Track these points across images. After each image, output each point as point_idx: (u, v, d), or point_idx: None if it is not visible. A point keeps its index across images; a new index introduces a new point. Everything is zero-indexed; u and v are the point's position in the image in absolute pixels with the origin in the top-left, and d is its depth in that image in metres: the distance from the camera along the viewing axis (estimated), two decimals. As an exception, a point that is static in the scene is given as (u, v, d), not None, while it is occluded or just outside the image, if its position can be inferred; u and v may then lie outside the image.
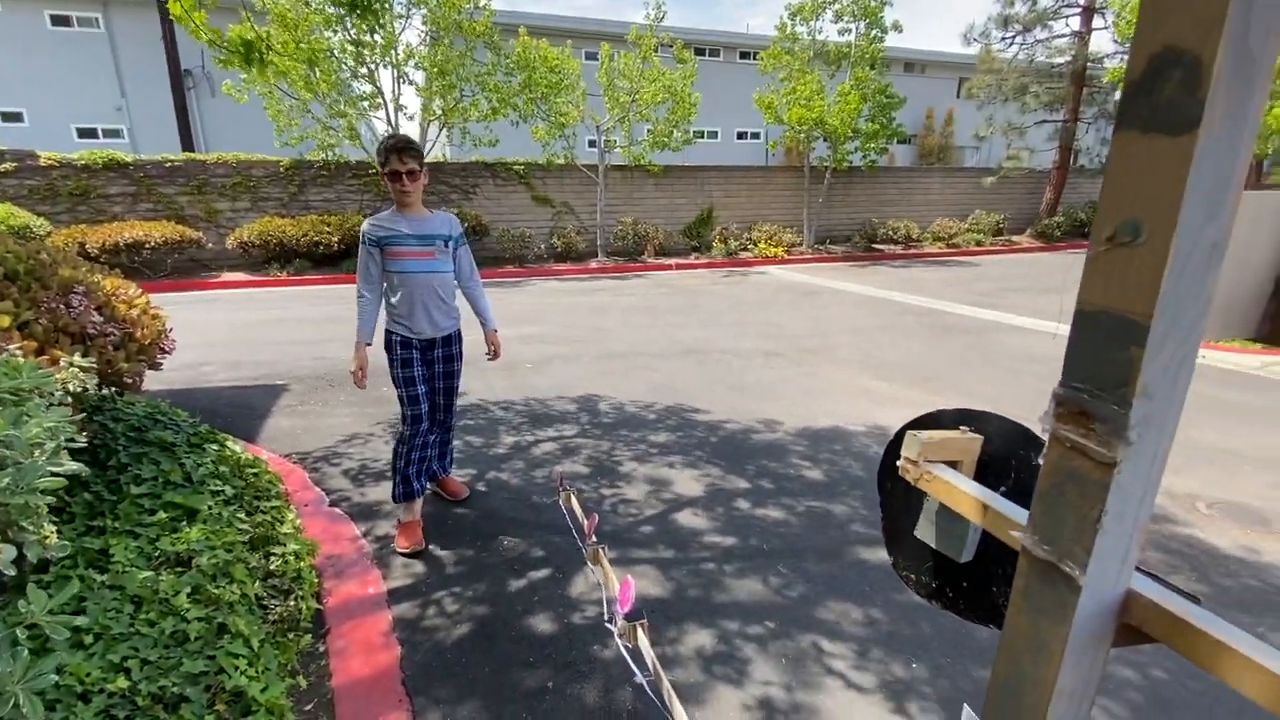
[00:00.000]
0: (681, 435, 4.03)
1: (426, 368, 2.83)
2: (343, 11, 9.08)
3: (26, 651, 1.27)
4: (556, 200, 13.26)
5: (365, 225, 2.64)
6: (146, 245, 9.37)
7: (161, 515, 2.33)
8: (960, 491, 0.58)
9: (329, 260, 10.86)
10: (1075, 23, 16.13)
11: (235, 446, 3.25)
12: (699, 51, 22.49)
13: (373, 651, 2.13)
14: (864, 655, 2.13)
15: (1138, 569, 0.44)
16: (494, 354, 3.02)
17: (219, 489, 2.69)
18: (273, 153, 11.32)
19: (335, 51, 9.96)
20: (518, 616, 2.31)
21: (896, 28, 13.09)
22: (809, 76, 12.86)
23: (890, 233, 14.86)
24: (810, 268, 12.67)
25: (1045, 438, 0.43)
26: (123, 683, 1.57)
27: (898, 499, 0.73)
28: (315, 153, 11.15)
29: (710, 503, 3.17)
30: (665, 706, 1.17)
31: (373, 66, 10.32)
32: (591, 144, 13.14)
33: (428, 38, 10.86)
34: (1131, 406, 0.37)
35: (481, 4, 10.64)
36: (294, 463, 3.56)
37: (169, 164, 10.74)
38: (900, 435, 0.71)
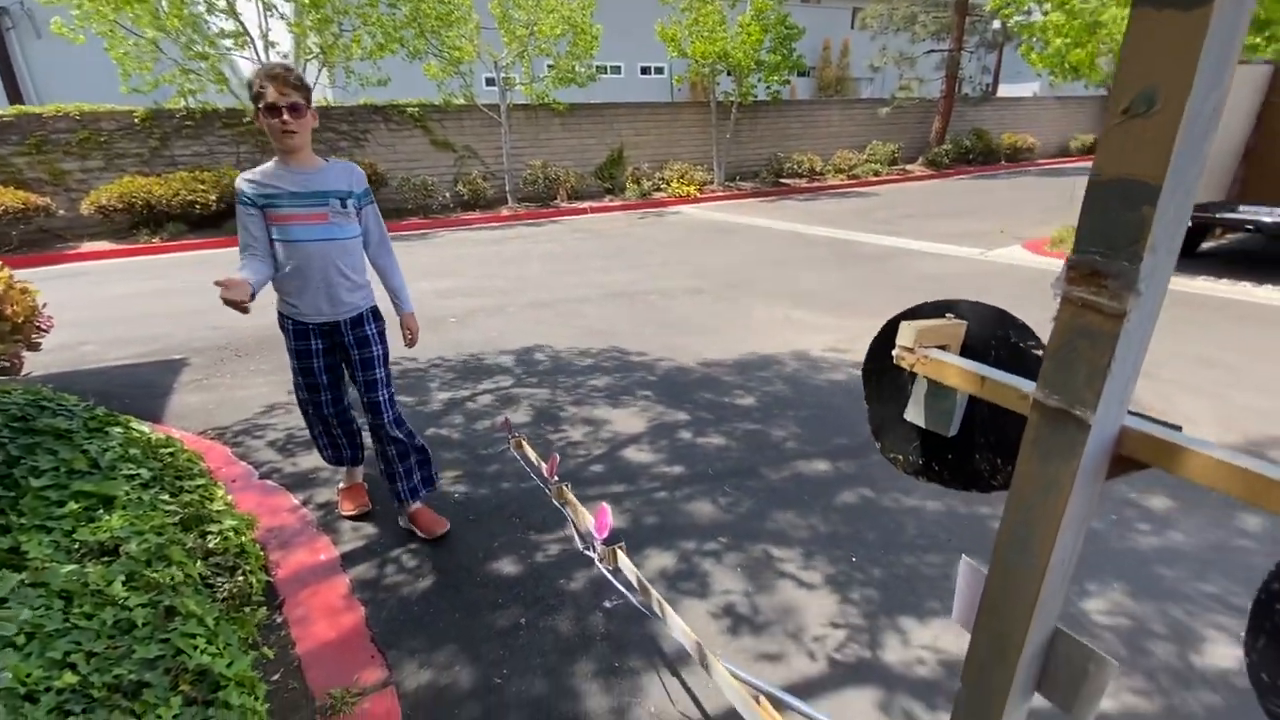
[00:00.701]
0: (618, 376, 4.08)
1: (331, 355, 2.36)
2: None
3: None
4: (458, 144, 12.55)
5: (239, 182, 2.11)
6: (-19, 215, 8.14)
7: (73, 506, 2.14)
8: (956, 369, 0.65)
9: (208, 222, 9.87)
10: (958, -50, 16.61)
11: (142, 427, 2.99)
12: (594, -19, 21.43)
13: (335, 615, 2.10)
14: (810, 556, 2.32)
15: (1131, 411, 0.52)
16: (411, 340, 2.45)
17: (133, 473, 2.49)
18: (123, 101, 9.96)
19: (185, -19, 8.76)
20: (480, 563, 2.33)
21: (793, -45, 13.00)
22: (709, 7, 12.62)
23: (795, 167, 15.18)
24: (723, 205, 12.81)
25: (1057, 302, 0.49)
26: (71, 678, 1.47)
27: (885, 389, 0.81)
28: (175, 100, 9.90)
29: (654, 437, 3.27)
30: (658, 614, 1.25)
31: (232, -1, 9.18)
32: (490, 82, 12.42)
33: (294, -36, 9.73)
34: (1142, 260, 0.43)
35: (353, -75, 9.61)
36: (211, 439, 3.34)
37: (-6, 119, 9.25)
38: (886, 331, 0.77)
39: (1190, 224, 5.57)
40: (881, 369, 0.79)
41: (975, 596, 0.63)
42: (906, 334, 0.70)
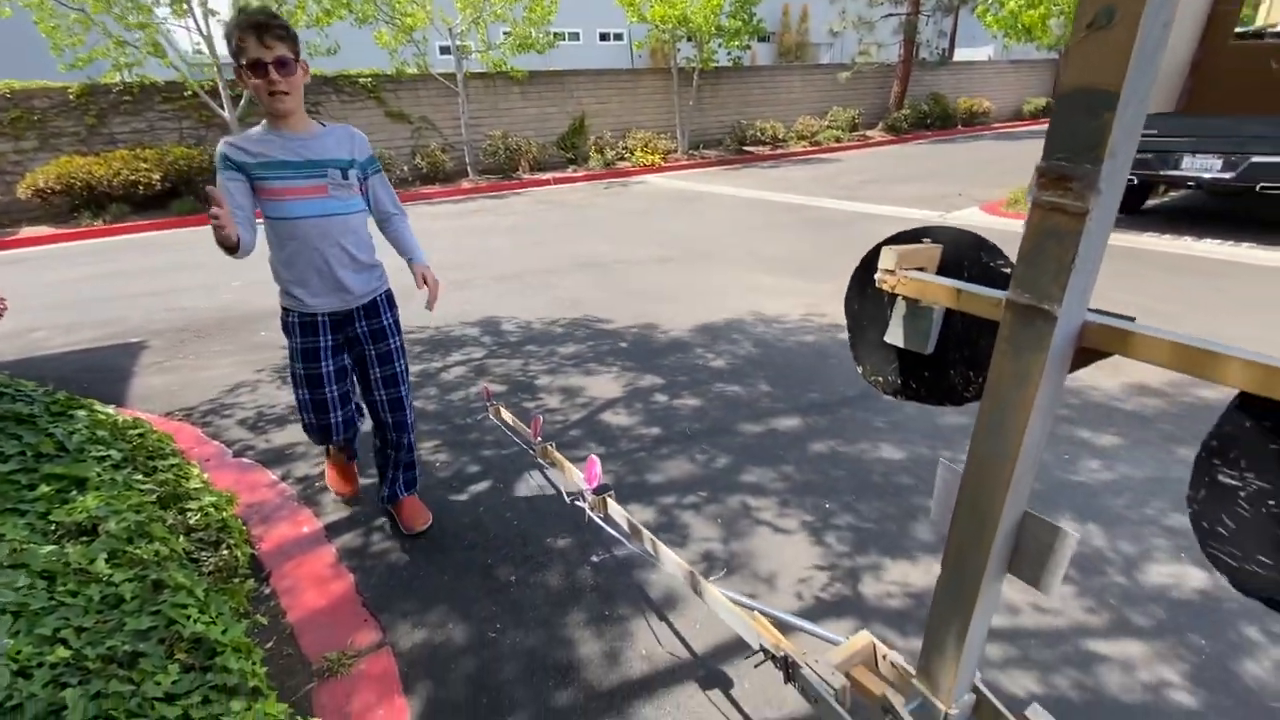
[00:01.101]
0: (590, 344, 4.11)
1: (339, 356, 2.08)
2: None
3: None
4: (414, 115, 12.18)
5: (221, 145, 1.81)
6: (-97, 200, 7.64)
7: (44, 489, 2.10)
8: (935, 285, 0.71)
9: (154, 202, 9.43)
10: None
11: (107, 410, 2.92)
12: (548, -57, 20.72)
13: (324, 583, 2.12)
14: (785, 505, 2.42)
15: (1090, 309, 0.59)
16: (431, 296, 2.16)
17: (103, 454, 2.44)
18: (56, 78, 9.37)
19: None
20: (466, 529, 2.37)
21: (750, -85, 12.80)
22: (668, -30, 12.39)
23: (759, 134, 15.17)
24: (688, 174, 12.76)
25: (1030, 206, 0.54)
26: (63, 652, 1.48)
27: (866, 315, 0.86)
28: (110, 74, 9.36)
29: (630, 401, 3.32)
30: (650, 553, 1.31)
31: (165, -37, 8.66)
32: (445, 50, 12.03)
33: (230, -75, 9.20)
34: (1103, 162, 0.49)
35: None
36: (179, 420, 3.27)
37: (-90, 96, 8.63)
38: (865, 263, 0.82)
39: (1135, 182, 5.81)
40: (863, 298, 0.85)
41: (952, 495, 0.70)
42: (888, 258, 0.76)
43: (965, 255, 0.78)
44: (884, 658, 0.84)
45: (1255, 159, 5.58)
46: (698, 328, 4.31)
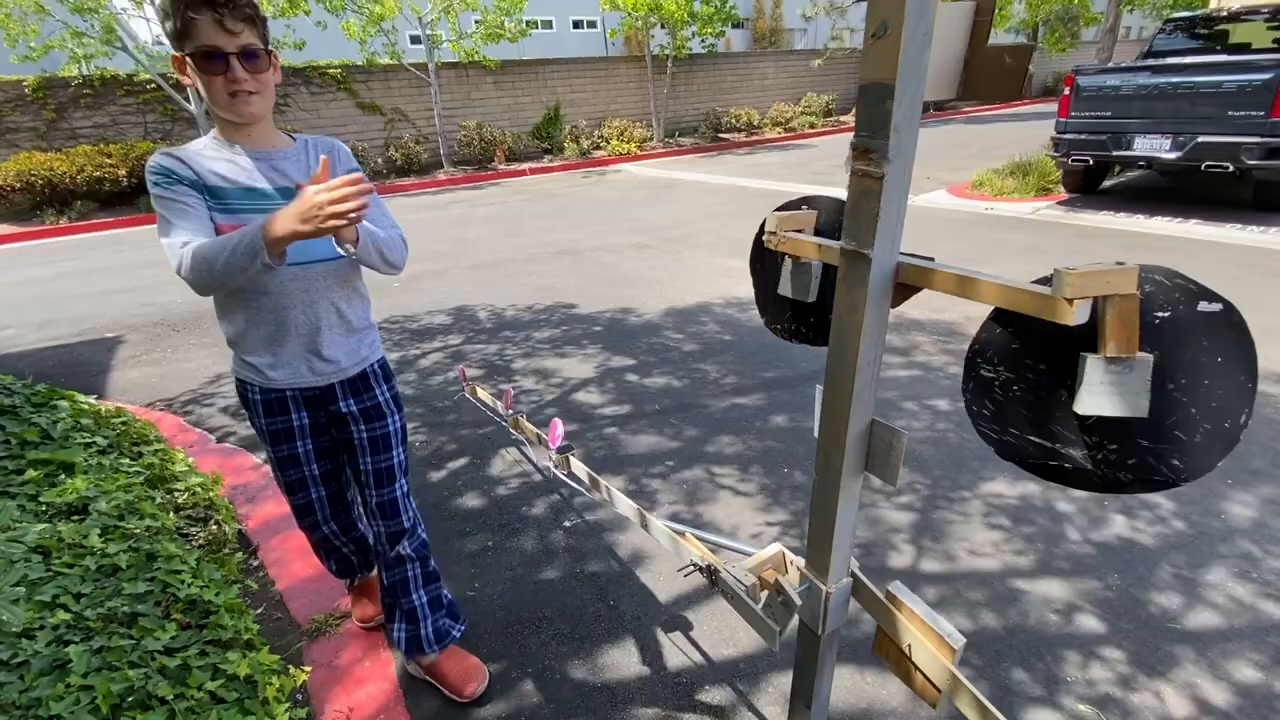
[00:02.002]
0: (565, 329, 4.23)
1: (323, 435, 1.57)
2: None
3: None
4: (386, 107, 12.11)
5: (159, 159, 1.24)
6: None
7: (32, 474, 2.18)
8: (805, 242, 0.85)
9: (121, 199, 9.33)
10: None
11: (89, 399, 2.99)
12: (518, -70, 20.52)
13: (309, 555, 2.20)
14: (746, 471, 2.58)
15: (903, 253, 0.73)
16: (326, 178, 1.13)
17: (89, 441, 2.52)
18: (7, 70, 9.19)
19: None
20: (446, 500, 2.49)
21: (719, -98, 12.85)
22: (639, -43, 12.41)
23: (734, 121, 15.29)
24: (664, 162, 12.85)
25: (849, 174, 0.68)
26: (64, 615, 1.58)
27: (765, 273, 1.00)
28: (68, 67, 9.19)
29: (602, 381, 3.45)
30: (607, 498, 1.44)
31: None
32: (415, 40, 11.96)
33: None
34: (889, 138, 0.63)
35: None
36: (160, 410, 3.34)
37: None
38: (762, 228, 0.96)
39: (1092, 163, 6.16)
40: (763, 258, 0.99)
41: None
42: (771, 221, 0.90)
43: (836, 219, 0.93)
44: (791, 563, 0.99)
45: (1201, 139, 5.83)
46: (669, 311, 4.45)
